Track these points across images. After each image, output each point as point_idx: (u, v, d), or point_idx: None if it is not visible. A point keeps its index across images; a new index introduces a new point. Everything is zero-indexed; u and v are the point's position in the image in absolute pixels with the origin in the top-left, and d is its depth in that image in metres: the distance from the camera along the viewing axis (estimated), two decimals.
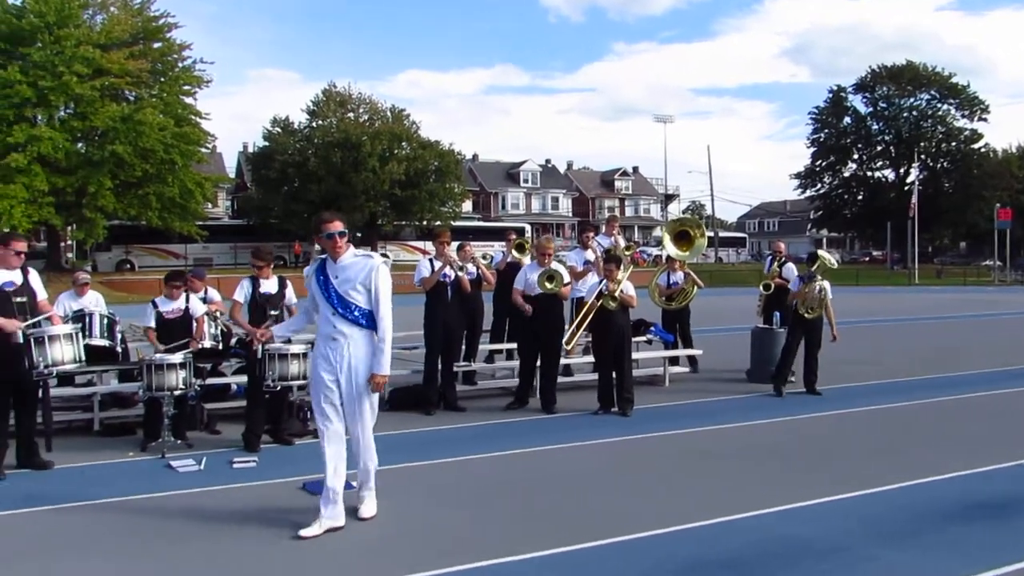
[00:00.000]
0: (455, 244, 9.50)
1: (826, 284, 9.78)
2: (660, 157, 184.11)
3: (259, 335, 6.28)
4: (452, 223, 44.70)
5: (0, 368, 6.32)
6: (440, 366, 8.94)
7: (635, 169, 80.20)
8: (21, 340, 6.33)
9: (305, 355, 7.26)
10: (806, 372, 9.89)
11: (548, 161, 75.64)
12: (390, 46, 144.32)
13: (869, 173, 69.59)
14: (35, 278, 6.71)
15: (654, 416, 8.72)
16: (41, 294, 6.70)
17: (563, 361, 9.81)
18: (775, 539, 4.91)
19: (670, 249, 10.93)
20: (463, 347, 9.73)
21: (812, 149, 69.17)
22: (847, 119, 68.49)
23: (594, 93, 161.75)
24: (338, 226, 5.06)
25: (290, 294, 7.77)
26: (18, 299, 6.42)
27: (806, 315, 9.67)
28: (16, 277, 6.49)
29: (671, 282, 11.37)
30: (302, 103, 74.57)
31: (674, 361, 11.33)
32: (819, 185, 69.63)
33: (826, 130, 68.38)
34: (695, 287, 11.30)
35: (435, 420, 8.57)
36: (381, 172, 42.71)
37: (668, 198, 79.23)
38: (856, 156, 69.09)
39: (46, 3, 33.11)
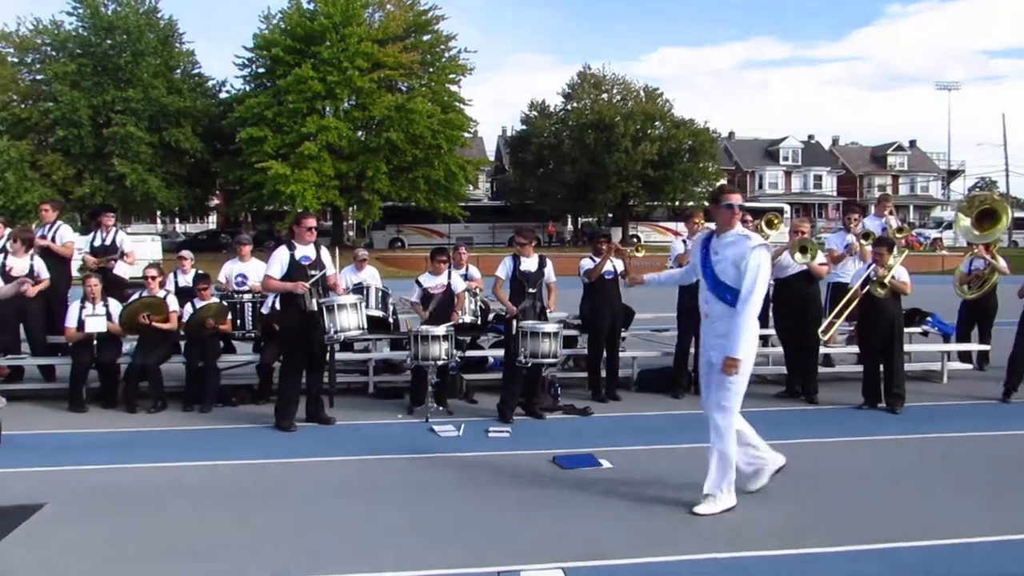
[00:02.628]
0: (709, 225, 9.23)
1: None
2: (942, 129, 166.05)
3: (512, 312, 6.39)
4: (705, 204, 43.62)
5: (298, 333, 7.21)
6: (693, 349, 8.78)
7: (912, 143, 72.94)
8: (315, 308, 7.15)
9: (556, 334, 7.50)
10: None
11: (811, 137, 71.07)
12: (643, 25, 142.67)
13: None
14: (326, 255, 7.55)
15: (928, 415, 7.93)
16: (330, 269, 7.55)
17: (824, 350, 9.23)
18: None
19: (961, 229, 9.72)
20: None
21: None
22: None
23: (862, 61, 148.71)
24: (737, 198, 5.07)
25: (549, 272, 8.03)
26: (312, 272, 7.24)
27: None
28: (311, 252, 7.34)
29: (971, 268, 10.19)
30: (557, 86, 76.29)
31: (966, 357, 10.19)
32: None
33: None
34: (995, 274, 9.99)
35: (685, 404, 8.43)
36: (634, 152, 42.62)
37: (951, 174, 71.27)
38: None
39: (334, 5, 36.67)
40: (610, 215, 47.97)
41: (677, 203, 44.91)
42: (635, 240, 42.34)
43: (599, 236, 9.11)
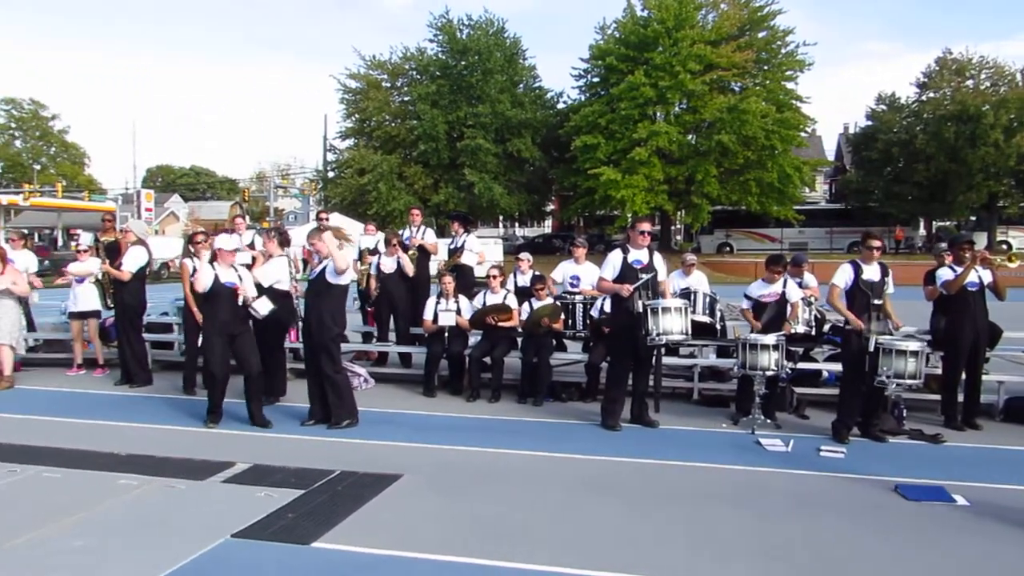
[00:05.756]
0: None
1: None
2: None
3: (859, 326, 5.81)
4: None
5: (626, 334, 7.40)
6: None
7: None
8: (640, 310, 7.26)
9: (918, 353, 6.82)
10: None
11: None
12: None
13: None
14: (658, 259, 7.66)
15: None
16: (662, 274, 7.66)
17: None
18: None
19: None
20: None
21: None
22: None
23: None
24: None
25: (889, 282, 7.32)
26: (644, 275, 7.37)
27: None
28: (643, 256, 7.53)
29: None
30: (908, 76, 69.32)
31: None
32: None
33: None
34: None
35: None
36: (1006, 146, 37.21)
37: None
38: None
39: (666, 10, 36.91)
40: (972, 218, 42.41)
41: None
42: (1005, 247, 36.96)
43: (961, 242, 8.00)
